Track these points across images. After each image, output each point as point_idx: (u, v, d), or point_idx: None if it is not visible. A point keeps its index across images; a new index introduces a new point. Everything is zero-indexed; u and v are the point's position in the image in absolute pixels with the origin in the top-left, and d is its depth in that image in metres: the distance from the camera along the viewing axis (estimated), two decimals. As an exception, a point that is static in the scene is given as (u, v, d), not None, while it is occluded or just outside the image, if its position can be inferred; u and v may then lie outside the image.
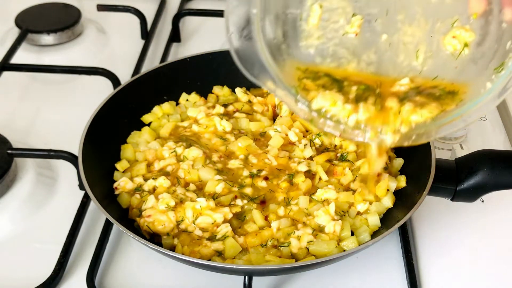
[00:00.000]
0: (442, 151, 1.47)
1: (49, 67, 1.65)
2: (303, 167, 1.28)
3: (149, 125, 1.41)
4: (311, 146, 1.32)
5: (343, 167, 1.28)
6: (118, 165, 1.30)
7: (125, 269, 1.21)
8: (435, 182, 1.16)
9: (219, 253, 1.13)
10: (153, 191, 1.23)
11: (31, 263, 1.22)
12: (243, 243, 1.14)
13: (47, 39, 1.82)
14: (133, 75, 1.64)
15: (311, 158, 1.31)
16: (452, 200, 1.21)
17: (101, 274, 1.19)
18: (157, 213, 1.17)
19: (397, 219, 1.12)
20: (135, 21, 1.90)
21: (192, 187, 1.24)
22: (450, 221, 1.32)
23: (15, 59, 1.68)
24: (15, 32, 1.82)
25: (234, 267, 1.11)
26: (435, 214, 1.33)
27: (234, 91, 1.49)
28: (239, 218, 1.19)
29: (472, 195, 1.19)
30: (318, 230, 1.17)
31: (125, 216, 1.22)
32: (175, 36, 1.89)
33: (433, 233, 1.29)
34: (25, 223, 1.30)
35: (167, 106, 1.44)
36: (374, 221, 1.19)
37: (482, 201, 1.34)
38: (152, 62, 1.79)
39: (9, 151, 1.34)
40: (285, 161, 1.30)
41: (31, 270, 1.20)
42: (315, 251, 1.13)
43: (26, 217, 1.31)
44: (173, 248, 1.15)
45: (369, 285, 1.19)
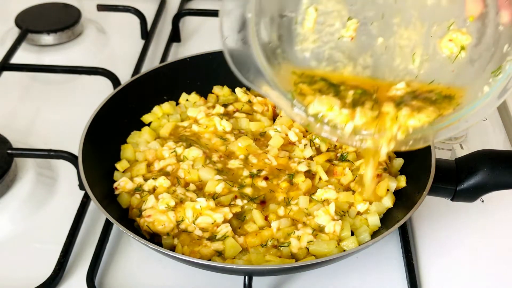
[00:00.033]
0: (442, 151, 1.47)
1: (49, 67, 1.65)
2: (303, 167, 1.28)
3: (149, 125, 1.41)
4: (311, 146, 1.32)
5: (343, 167, 1.28)
6: (118, 165, 1.30)
7: (125, 269, 1.21)
8: (435, 182, 1.16)
9: (219, 253, 1.13)
10: (153, 191, 1.23)
11: (31, 263, 1.22)
12: (243, 243, 1.14)
13: (47, 39, 1.82)
14: (133, 75, 1.64)
15: (311, 158, 1.31)
16: (452, 200, 1.21)
17: (101, 274, 1.19)
18: (157, 213, 1.17)
19: (397, 219, 1.12)
20: (135, 21, 1.90)
21: (192, 187, 1.24)
22: (450, 221, 1.32)
23: (15, 59, 1.68)
24: (15, 32, 1.82)
25: (234, 267, 1.11)
26: (435, 214, 1.33)
27: (234, 91, 1.49)
28: (239, 218, 1.19)
29: (472, 195, 1.19)
30: (318, 230, 1.17)
31: (125, 216, 1.22)
32: (175, 36, 1.89)
33: (433, 233, 1.29)
34: (25, 223, 1.30)
35: (167, 106, 1.44)
36: (374, 221, 1.19)
37: (482, 201, 1.34)
38: (152, 62, 1.79)
39: (9, 151, 1.34)
40: (285, 161, 1.30)
41: (31, 270, 1.20)
42: (315, 251, 1.13)
43: (26, 217, 1.31)
44: (173, 248, 1.15)
45: (369, 285, 1.19)
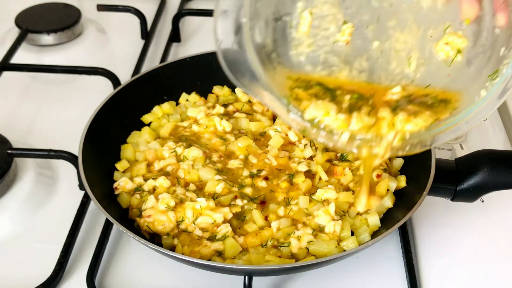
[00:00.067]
0: (442, 151, 1.47)
1: (49, 67, 1.65)
2: (303, 167, 1.28)
3: (149, 125, 1.41)
4: (311, 146, 1.32)
5: (343, 167, 1.28)
6: (118, 165, 1.30)
7: (125, 269, 1.21)
8: (435, 182, 1.16)
9: (219, 253, 1.13)
10: (153, 191, 1.23)
11: (31, 263, 1.22)
12: (243, 243, 1.14)
13: (47, 39, 1.82)
14: (133, 75, 1.64)
15: (311, 158, 1.31)
16: (452, 200, 1.21)
17: (101, 274, 1.19)
18: (157, 213, 1.17)
19: (397, 219, 1.12)
20: (135, 21, 1.90)
21: (192, 187, 1.24)
22: (450, 221, 1.31)
23: (15, 59, 1.68)
24: (15, 32, 1.82)
25: (234, 267, 1.11)
26: (435, 214, 1.33)
27: (234, 91, 1.49)
28: (239, 218, 1.19)
29: (472, 195, 1.19)
30: (318, 230, 1.17)
31: (125, 216, 1.22)
32: (175, 36, 1.89)
33: (433, 233, 1.29)
34: (25, 223, 1.30)
35: (167, 106, 1.44)
36: (374, 221, 1.19)
37: (482, 201, 1.34)
38: (152, 62, 1.79)
39: (9, 151, 1.34)
40: (285, 161, 1.30)
41: (31, 270, 1.20)
42: (315, 251, 1.13)
43: (26, 217, 1.31)
44: (173, 248, 1.15)
45: (369, 285, 1.19)
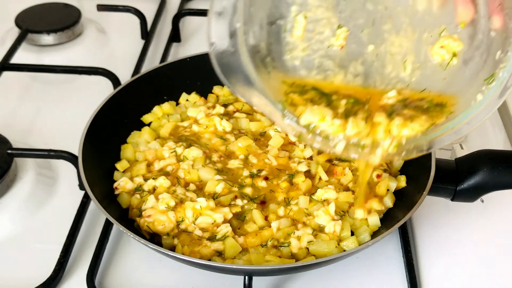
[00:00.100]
0: (442, 151, 1.47)
1: (49, 67, 1.65)
2: (303, 167, 1.27)
3: (149, 125, 1.41)
4: (311, 146, 1.32)
5: (343, 167, 1.28)
6: (118, 165, 1.30)
7: (125, 269, 1.21)
8: (435, 182, 1.16)
9: (219, 253, 1.13)
10: (153, 191, 1.23)
11: (31, 263, 1.22)
12: (243, 243, 1.14)
13: (47, 39, 1.82)
14: (133, 75, 1.64)
15: (311, 158, 1.31)
16: (452, 200, 1.21)
17: (101, 274, 1.19)
18: (157, 213, 1.17)
19: (397, 219, 1.12)
20: (135, 21, 1.90)
21: (192, 187, 1.24)
22: (450, 221, 1.31)
23: (15, 59, 1.68)
24: (15, 32, 1.82)
25: (234, 267, 1.11)
26: (435, 214, 1.32)
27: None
28: (239, 218, 1.19)
29: (472, 195, 1.19)
30: (318, 230, 1.17)
31: (125, 216, 1.22)
32: (175, 36, 1.89)
33: (433, 233, 1.29)
34: (25, 223, 1.30)
35: (167, 106, 1.44)
36: (374, 221, 1.19)
37: (482, 201, 1.34)
38: (152, 62, 1.79)
39: (9, 151, 1.34)
40: (285, 161, 1.30)
41: (31, 270, 1.20)
42: (315, 251, 1.13)
43: (26, 217, 1.31)
44: (173, 248, 1.15)
45: (369, 285, 1.19)
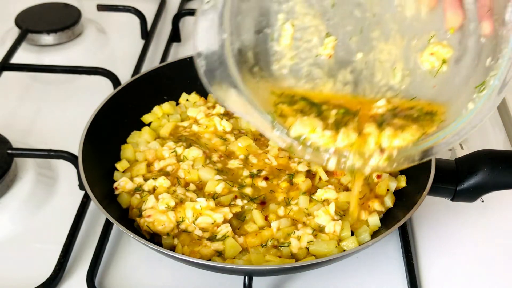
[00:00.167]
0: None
1: (49, 67, 1.65)
2: (303, 167, 1.27)
3: (149, 125, 1.41)
4: (311, 146, 1.32)
5: (343, 167, 1.28)
6: (118, 165, 1.30)
7: (125, 269, 1.21)
8: (435, 182, 1.16)
9: (219, 253, 1.13)
10: (153, 191, 1.23)
11: (31, 263, 1.22)
12: (243, 243, 1.14)
13: (47, 39, 1.82)
14: (133, 75, 1.64)
15: (311, 158, 1.31)
16: (452, 200, 1.21)
17: (101, 274, 1.19)
18: (157, 213, 1.17)
19: (397, 219, 1.12)
20: (135, 21, 1.90)
21: (192, 187, 1.24)
22: (450, 221, 1.31)
23: (15, 59, 1.68)
24: (15, 32, 1.82)
25: (234, 267, 1.11)
26: (435, 214, 1.32)
27: (234, 91, 1.49)
28: (239, 218, 1.19)
29: (472, 195, 1.19)
30: (318, 230, 1.17)
31: (125, 216, 1.22)
32: (175, 36, 1.89)
33: (433, 233, 1.29)
34: (25, 223, 1.30)
35: (167, 106, 1.44)
36: (374, 221, 1.19)
37: (482, 201, 1.34)
38: (152, 62, 1.79)
39: (9, 151, 1.34)
40: (285, 161, 1.30)
41: (31, 270, 1.19)
42: (315, 251, 1.13)
43: (26, 217, 1.31)
44: (173, 248, 1.15)
45: (369, 285, 1.19)
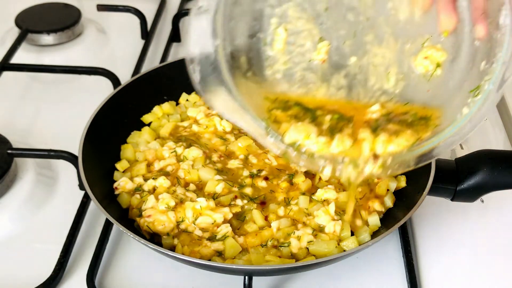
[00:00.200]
0: (442, 151, 1.47)
1: (49, 67, 1.65)
2: (303, 167, 1.27)
3: (149, 125, 1.41)
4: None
5: (343, 167, 1.27)
6: (118, 165, 1.30)
7: (125, 269, 1.21)
8: (435, 182, 1.16)
9: (219, 253, 1.13)
10: (153, 191, 1.23)
11: (31, 263, 1.22)
12: (243, 243, 1.14)
13: (47, 39, 1.82)
14: (133, 75, 1.64)
15: (311, 158, 1.31)
16: (452, 200, 1.21)
17: (101, 274, 1.19)
18: (157, 213, 1.17)
19: (397, 219, 1.12)
20: (135, 21, 1.90)
21: (192, 187, 1.24)
22: (450, 221, 1.31)
23: (15, 59, 1.68)
24: (15, 32, 1.82)
25: (234, 267, 1.11)
26: (435, 214, 1.32)
27: (234, 91, 1.49)
28: (239, 218, 1.19)
29: (472, 195, 1.19)
30: (318, 230, 1.17)
31: (125, 216, 1.22)
32: (175, 36, 1.89)
33: (433, 233, 1.29)
34: (25, 223, 1.30)
35: (167, 106, 1.44)
36: (374, 221, 1.19)
37: (482, 201, 1.34)
38: (152, 62, 1.79)
39: (9, 151, 1.34)
40: (285, 161, 1.30)
41: (31, 270, 1.19)
42: (315, 251, 1.13)
43: (26, 217, 1.31)
44: (173, 248, 1.15)
45: (369, 285, 1.19)
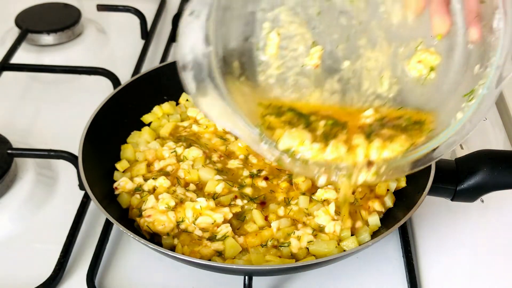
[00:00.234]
0: (442, 151, 1.47)
1: (49, 67, 1.65)
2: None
3: (149, 125, 1.41)
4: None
5: (343, 167, 1.27)
6: (118, 165, 1.30)
7: (125, 269, 1.21)
8: (435, 182, 1.16)
9: (219, 253, 1.13)
10: (153, 191, 1.23)
11: (31, 263, 1.22)
12: (243, 243, 1.14)
13: (47, 39, 1.82)
14: (133, 75, 1.64)
15: (311, 158, 1.31)
16: (452, 200, 1.21)
17: (101, 274, 1.19)
18: (157, 213, 1.17)
19: (397, 219, 1.12)
20: (135, 21, 1.90)
21: (192, 187, 1.24)
22: (450, 221, 1.31)
23: (15, 59, 1.68)
24: (15, 32, 1.82)
25: (234, 267, 1.11)
26: (435, 214, 1.32)
27: (234, 91, 1.49)
28: (239, 218, 1.19)
29: (472, 195, 1.19)
30: (318, 230, 1.17)
31: (125, 216, 1.22)
32: (175, 36, 1.88)
33: (433, 233, 1.29)
34: (25, 223, 1.30)
35: (167, 106, 1.44)
36: (374, 221, 1.19)
37: (482, 201, 1.34)
38: (152, 62, 1.79)
39: (9, 151, 1.34)
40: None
41: (31, 270, 1.19)
42: (315, 251, 1.13)
43: (26, 217, 1.31)
44: (173, 248, 1.15)
45: (369, 285, 1.19)
